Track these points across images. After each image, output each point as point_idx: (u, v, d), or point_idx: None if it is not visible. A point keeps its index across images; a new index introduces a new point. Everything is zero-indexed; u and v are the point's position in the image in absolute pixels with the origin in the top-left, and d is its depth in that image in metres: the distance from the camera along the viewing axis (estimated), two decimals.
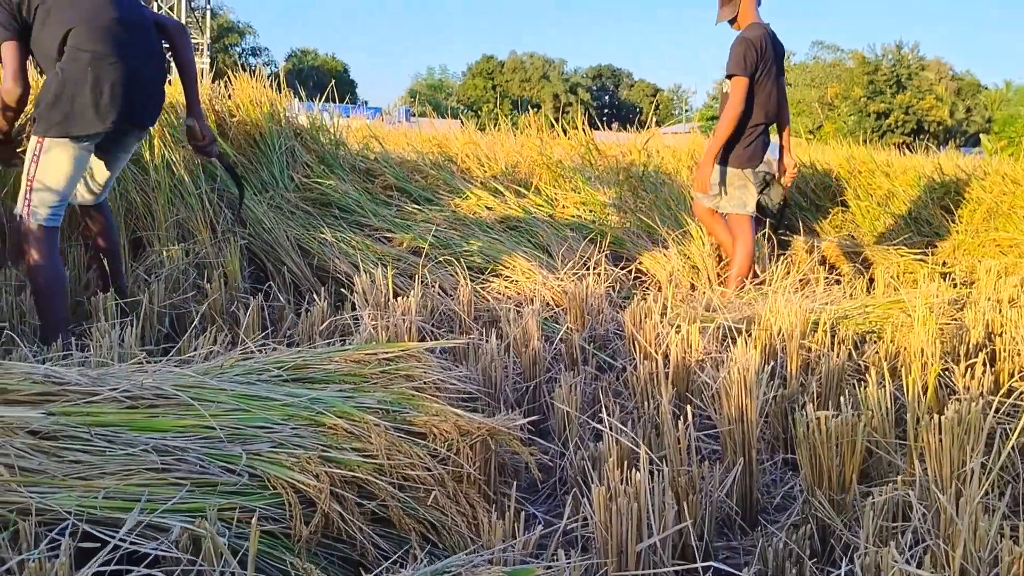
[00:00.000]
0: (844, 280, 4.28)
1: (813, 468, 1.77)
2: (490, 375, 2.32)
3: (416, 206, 4.46)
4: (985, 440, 1.62)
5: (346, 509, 1.47)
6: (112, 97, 2.53)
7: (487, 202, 4.63)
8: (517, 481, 1.85)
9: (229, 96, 4.37)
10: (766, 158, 3.97)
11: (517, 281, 3.71)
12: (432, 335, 2.85)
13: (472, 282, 3.39)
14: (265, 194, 3.99)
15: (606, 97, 60.56)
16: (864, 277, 4.47)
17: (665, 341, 2.41)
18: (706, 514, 1.71)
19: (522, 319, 2.66)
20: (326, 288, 3.46)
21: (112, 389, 1.55)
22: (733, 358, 2.10)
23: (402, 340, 2.43)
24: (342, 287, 3.56)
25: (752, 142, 3.73)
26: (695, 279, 4.13)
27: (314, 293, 3.44)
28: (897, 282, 4.23)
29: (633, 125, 6.80)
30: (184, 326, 2.93)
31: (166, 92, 2.80)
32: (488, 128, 7.44)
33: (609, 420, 1.67)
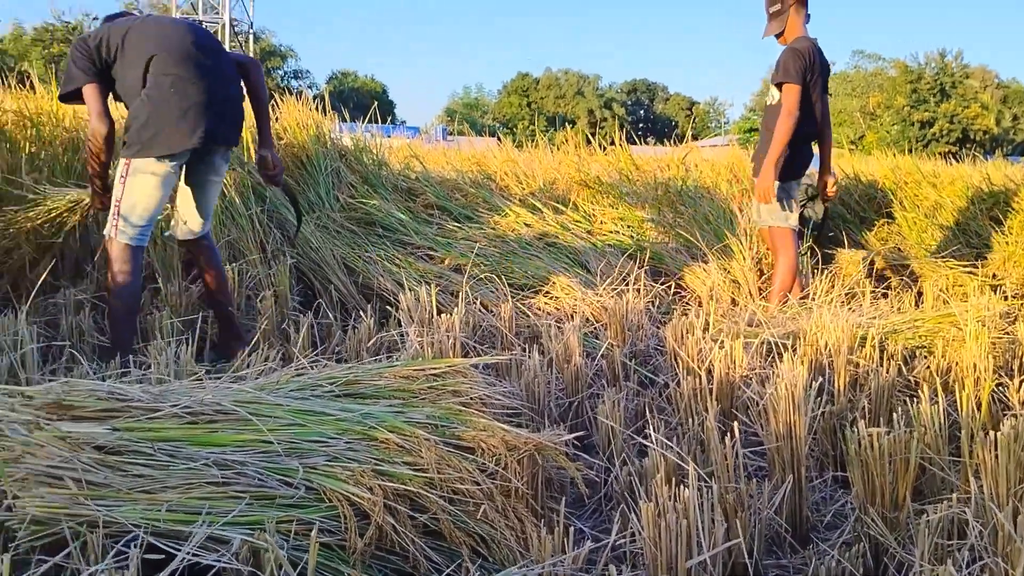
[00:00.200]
0: (892, 294, 4.21)
1: (865, 485, 1.76)
2: (533, 391, 2.34)
3: (456, 224, 4.52)
4: None
5: (399, 522, 1.49)
6: (196, 116, 2.62)
7: (526, 219, 4.67)
8: (563, 496, 1.86)
9: (276, 119, 4.49)
10: (808, 171, 3.94)
11: (557, 297, 3.73)
12: (475, 351, 2.88)
13: (512, 298, 3.42)
14: (312, 214, 4.08)
15: (641, 111, 60.44)
16: (912, 290, 4.39)
17: (709, 357, 2.40)
18: (755, 532, 1.71)
19: (563, 335, 2.68)
20: (371, 305, 3.52)
21: (173, 405, 1.61)
22: (780, 374, 2.09)
23: (447, 356, 2.46)
24: (387, 304, 3.62)
25: (795, 154, 3.72)
26: (736, 294, 4.10)
27: (360, 310, 3.50)
28: (946, 295, 4.15)
29: (669, 139, 6.80)
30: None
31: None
32: (525, 145, 7.49)
33: (656, 436, 1.68)
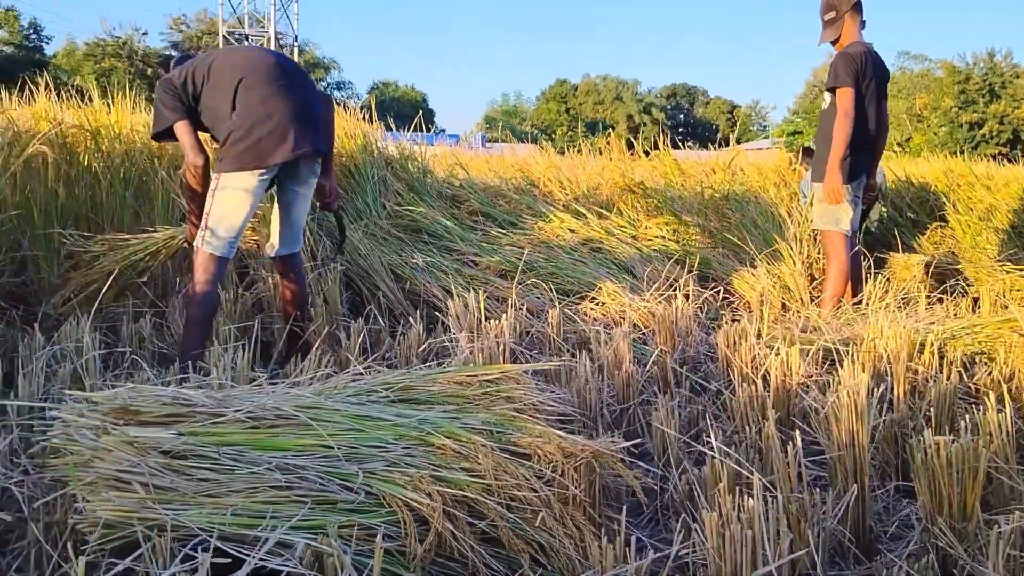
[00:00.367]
0: (947, 298, 4.10)
1: (932, 496, 1.71)
2: (584, 397, 2.33)
3: (501, 230, 4.53)
4: None
5: (458, 528, 1.49)
6: (285, 128, 2.72)
7: (570, 224, 4.66)
8: (620, 504, 1.84)
9: None
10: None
11: (603, 303, 3.71)
12: (523, 357, 2.88)
13: (558, 304, 3.41)
14: (360, 222, 4.13)
15: (681, 116, 59.92)
16: (968, 295, 4.27)
17: (764, 364, 2.36)
18: (819, 542, 1.67)
19: (612, 341, 2.66)
20: (418, 312, 3.54)
21: (236, 410, 1.63)
22: (840, 381, 2.04)
23: (496, 362, 2.46)
24: (434, 310, 3.64)
25: (847, 158, 3.66)
26: (787, 299, 4.04)
27: (408, 317, 3.52)
28: (1004, 300, 4.03)
29: (711, 143, 6.74)
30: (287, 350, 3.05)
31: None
32: (566, 151, 7.48)
33: (717, 444, 1.65)
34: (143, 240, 3.13)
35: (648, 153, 5.83)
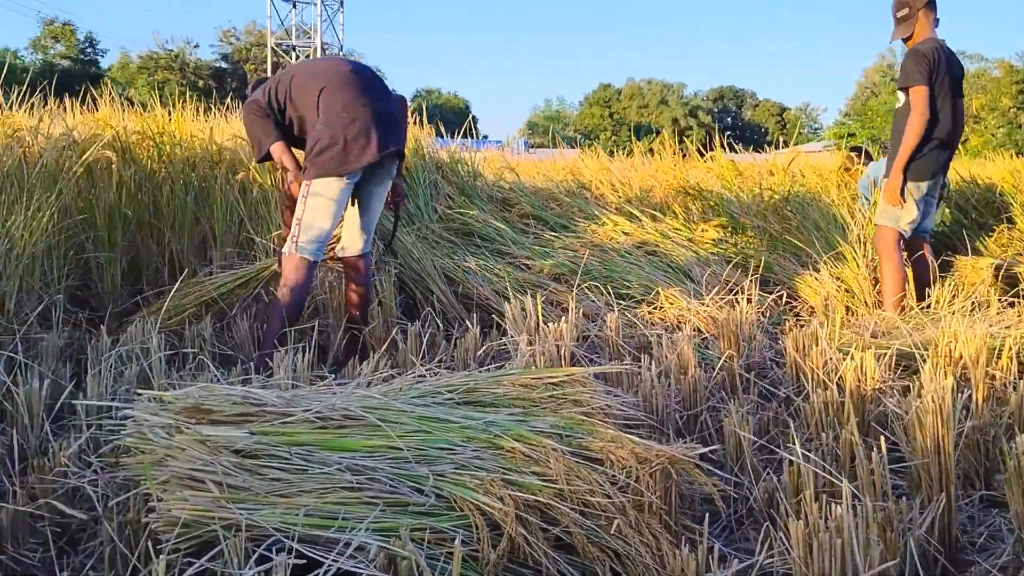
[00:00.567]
0: (1020, 302, 3.93)
1: None
2: (651, 402, 2.27)
3: (553, 233, 4.49)
4: None
5: (531, 534, 1.46)
6: (367, 132, 2.81)
7: (624, 227, 4.59)
8: (692, 511, 1.78)
9: None
10: None
11: (660, 307, 3.64)
12: (582, 361, 2.83)
13: (616, 307, 3.36)
14: (412, 225, 4.13)
15: (728, 119, 59.08)
16: None
17: (840, 369, 2.28)
18: (906, 553, 1.59)
19: (676, 346, 2.60)
20: (471, 315, 3.52)
21: (305, 410, 1.62)
22: (921, 385, 1.95)
23: (556, 366, 2.42)
24: (487, 314, 3.61)
25: (921, 156, 3.55)
26: (851, 303, 3.91)
27: (462, 320, 3.50)
28: None
29: (761, 146, 6.60)
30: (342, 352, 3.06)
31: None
32: (615, 154, 7.41)
33: (801, 451, 1.59)
34: (241, 273, 3.28)
35: (703, 154, 5.73)
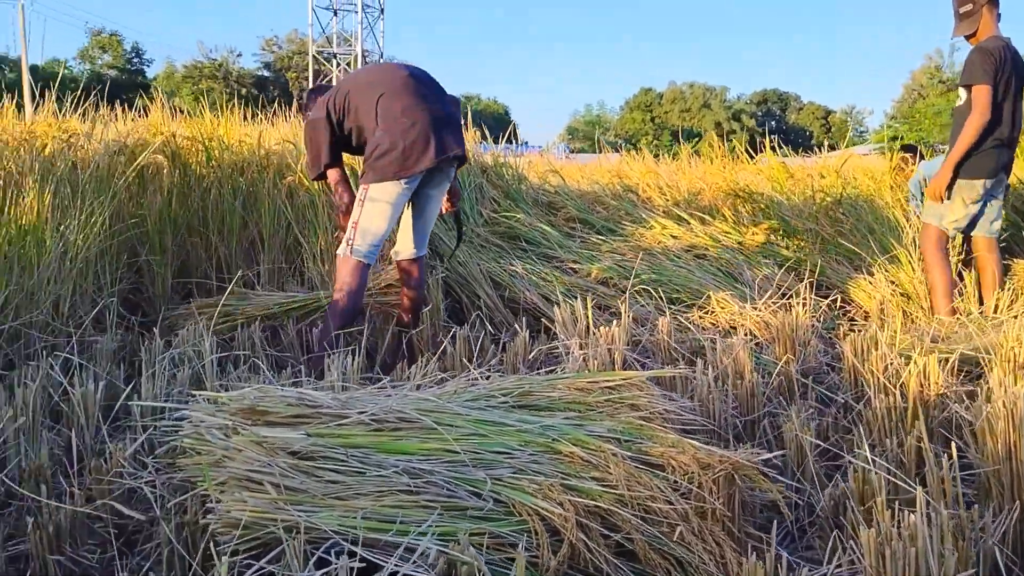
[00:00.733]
0: None
1: None
2: (708, 407, 2.22)
3: (600, 237, 4.44)
4: None
5: (591, 540, 1.42)
6: (427, 136, 2.82)
7: (672, 231, 4.53)
8: (755, 519, 1.73)
9: None
10: None
11: (711, 311, 3.57)
12: (634, 365, 2.79)
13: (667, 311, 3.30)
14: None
15: (772, 122, 58.14)
16: None
17: (903, 374, 2.20)
18: (979, 563, 1.52)
19: (731, 350, 2.54)
20: (518, 319, 3.50)
21: (360, 412, 1.61)
22: (991, 390, 1.87)
23: (609, 370, 2.38)
24: (534, 318, 3.59)
25: (979, 153, 3.43)
26: (906, 307, 3.80)
27: (509, 324, 3.48)
28: None
29: (806, 149, 6.47)
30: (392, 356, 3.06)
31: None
32: (660, 157, 7.33)
33: (871, 457, 1.53)
34: (287, 301, 3.37)
35: (752, 156, 5.63)
